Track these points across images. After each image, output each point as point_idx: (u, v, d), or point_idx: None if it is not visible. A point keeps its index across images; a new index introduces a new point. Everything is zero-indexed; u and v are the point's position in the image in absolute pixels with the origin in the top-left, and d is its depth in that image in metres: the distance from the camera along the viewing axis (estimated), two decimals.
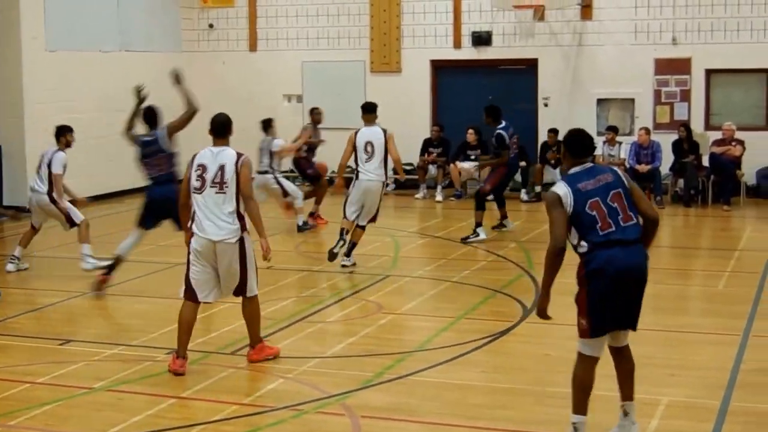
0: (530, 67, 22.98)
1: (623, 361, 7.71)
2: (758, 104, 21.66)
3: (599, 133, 21.89)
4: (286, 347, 10.43)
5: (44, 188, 14.15)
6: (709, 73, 21.85)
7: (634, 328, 7.59)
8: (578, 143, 7.73)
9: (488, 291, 12.90)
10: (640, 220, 7.54)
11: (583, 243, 7.42)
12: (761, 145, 21.03)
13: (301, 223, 17.72)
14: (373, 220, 14.70)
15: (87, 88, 21.74)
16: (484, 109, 17.51)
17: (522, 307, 12.02)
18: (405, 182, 20.83)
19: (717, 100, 21.96)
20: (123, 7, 22.80)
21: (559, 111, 22.52)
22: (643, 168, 20.65)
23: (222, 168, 9.41)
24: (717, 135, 21.00)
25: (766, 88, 21.55)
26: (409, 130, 21.36)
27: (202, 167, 9.47)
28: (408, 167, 21.08)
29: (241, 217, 9.46)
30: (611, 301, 7.38)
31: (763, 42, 21.33)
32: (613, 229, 7.37)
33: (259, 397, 8.91)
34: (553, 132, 21.82)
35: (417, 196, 22.04)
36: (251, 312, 9.82)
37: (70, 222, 14.36)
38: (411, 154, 22.21)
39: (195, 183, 9.48)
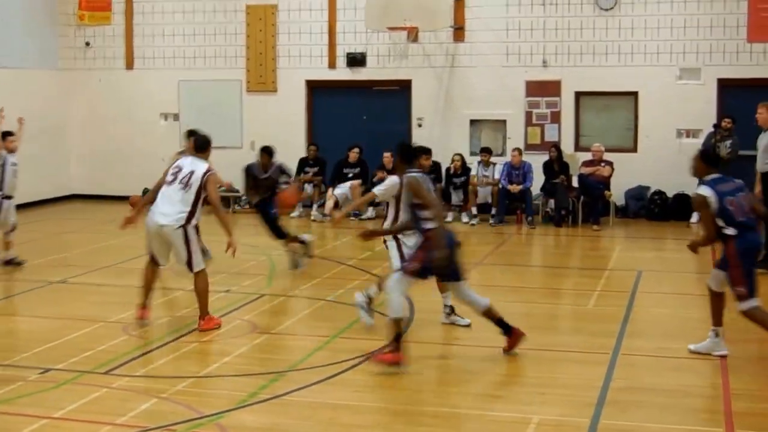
0: (404, 88, 23.21)
1: None
2: (626, 126, 22.18)
3: (473, 154, 22.21)
4: (159, 367, 10.40)
5: None
6: (579, 95, 22.33)
7: None
8: None
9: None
10: None
11: None
12: (629, 166, 21.57)
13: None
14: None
15: None
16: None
17: None
18: None
19: (586, 122, 22.44)
20: None
21: (432, 131, 22.78)
22: (514, 188, 20.98)
23: (191, 173, 11.75)
24: (586, 156, 21.45)
25: (634, 111, 22.06)
26: (285, 149, 21.31)
27: (178, 167, 11.89)
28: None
29: (190, 214, 11.66)
30: None
31: (631, 65, 21.87)
32: None
33: (132, 417, 8.82)
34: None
35: (293, 214, 21.98)
36: (196, 285, 11.91)
37: None
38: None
39: (169, 177, 11.83)
